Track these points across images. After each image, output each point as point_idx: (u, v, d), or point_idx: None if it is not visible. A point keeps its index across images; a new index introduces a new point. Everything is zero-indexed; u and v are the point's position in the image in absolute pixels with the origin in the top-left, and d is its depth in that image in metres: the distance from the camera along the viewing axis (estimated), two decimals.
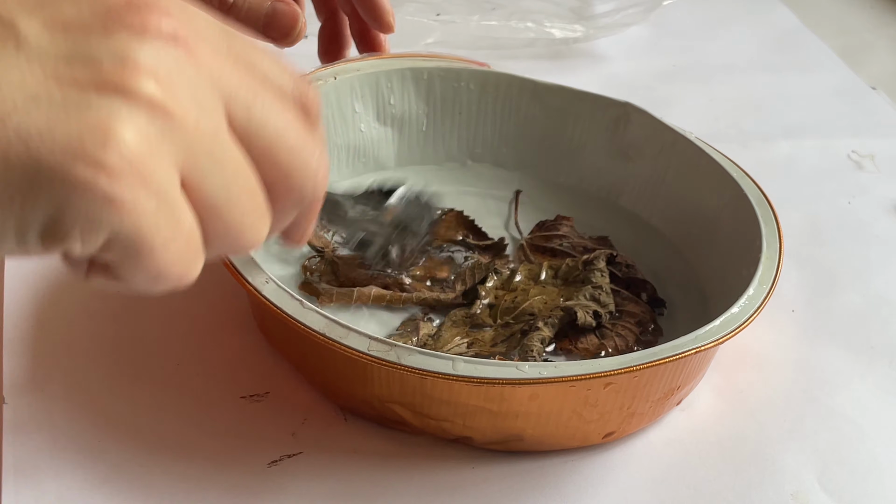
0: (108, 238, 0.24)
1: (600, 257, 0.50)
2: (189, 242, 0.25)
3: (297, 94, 0.28)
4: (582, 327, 0.47)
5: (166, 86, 0.24)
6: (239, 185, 0.26)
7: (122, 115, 0.23)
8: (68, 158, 0.22)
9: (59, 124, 0.23)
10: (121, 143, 0.23)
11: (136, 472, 0.40)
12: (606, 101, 0.56)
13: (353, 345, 0.38)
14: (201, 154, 0.25)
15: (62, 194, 0.23)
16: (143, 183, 0.23)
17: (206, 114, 0.25)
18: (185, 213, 0.25)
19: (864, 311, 0.54)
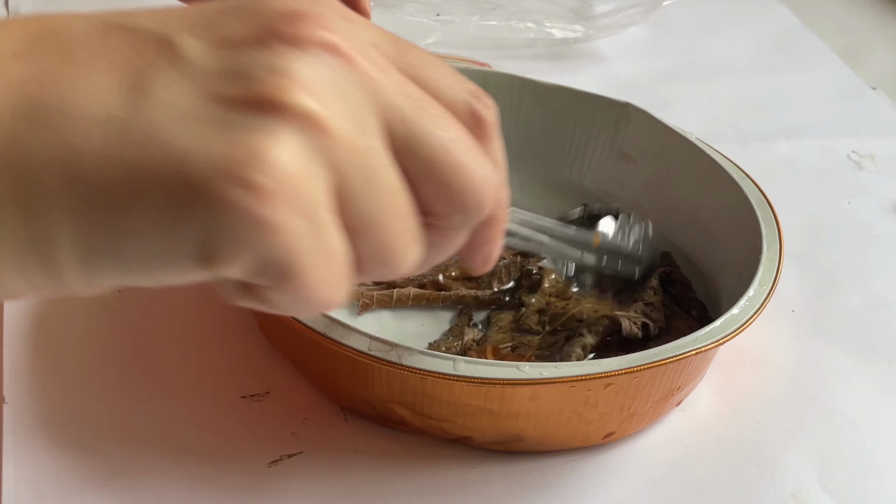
0: (258, 261, 0.23)
1: (654, 276, 0.50)
2: (338, 265, 0.24)
3: (470, 108, 0.27)
4: (628, 338, 0.46)
5: (321, 99, 0.23)
6: (391, 206, 0.25)
7: (274, 133, 0.22)
8: (219, 178, 0.22)
9: (211, 143, 0.22)
10: (273, 163, 0.22)
11: (136, 472, 0.40)
12: (607, 102, 0.56)
13: (353, 345, 0.38)
14: (354, 172, 0.24)
15: (212, 215, 0.22)
16: (295, 204, 0.22)
17: (362, 129, 0.24)
18: (336, 236, 0.24)
19: (864, 311, 0.54)
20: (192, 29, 0.24)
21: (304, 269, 0.23)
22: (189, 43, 0.23)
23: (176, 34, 0.23)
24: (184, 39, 0.23)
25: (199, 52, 0.23)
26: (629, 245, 0.49)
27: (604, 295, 0.50)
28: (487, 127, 0.27)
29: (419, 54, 0.27)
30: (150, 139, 0.22)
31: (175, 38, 0.23)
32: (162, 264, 0.23)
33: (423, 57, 0.27)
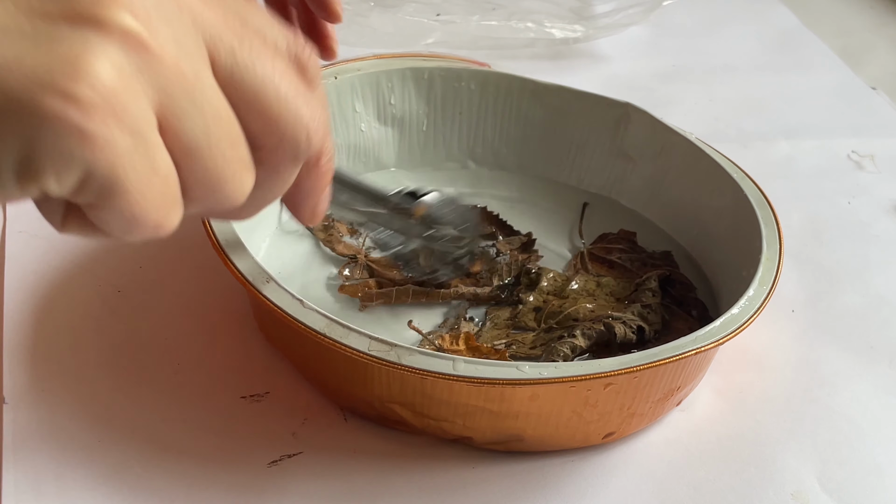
0: (82, 177, 0.23)
1: (653, 278, 0.50)
2: (166, 186, 0.24)
3: (293, 53, 0.27)
4: (623, 343, 0.46)
5: (144, 19, 0.23)
6: (220, 131, 0.25)
7: (94, 46, 0.22)
8: (37, 89, 0.22)
9: (28, 56, 0.22)
10: (93, 75, 0.22)
11: (136, 472, 0.40)
12: (607, 102, 0.56)
13: (353, 344, 0.38)
14: (180, 95, 0.24)
15: (32, 127, 0.22)
16: (117, 118, 0.22)
17: (187, 54, 0.24)
18: (162, 154, 0.24)
19: (864, 311, 0.54)
20: None
21: (129, 185, 0.23)
22: None
23: None
24: None
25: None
26: (451, 220, 0.49)
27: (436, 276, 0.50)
28: (310, 72, 0.28)
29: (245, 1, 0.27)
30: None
31: None
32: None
33: (249, 3, 0.27)
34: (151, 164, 0.23)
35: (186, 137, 0.24)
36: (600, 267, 0.53)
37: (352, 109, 0.56)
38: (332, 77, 0.54)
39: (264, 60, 0.26)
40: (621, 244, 0.54)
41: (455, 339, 0.46)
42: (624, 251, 0.54)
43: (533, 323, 0.49)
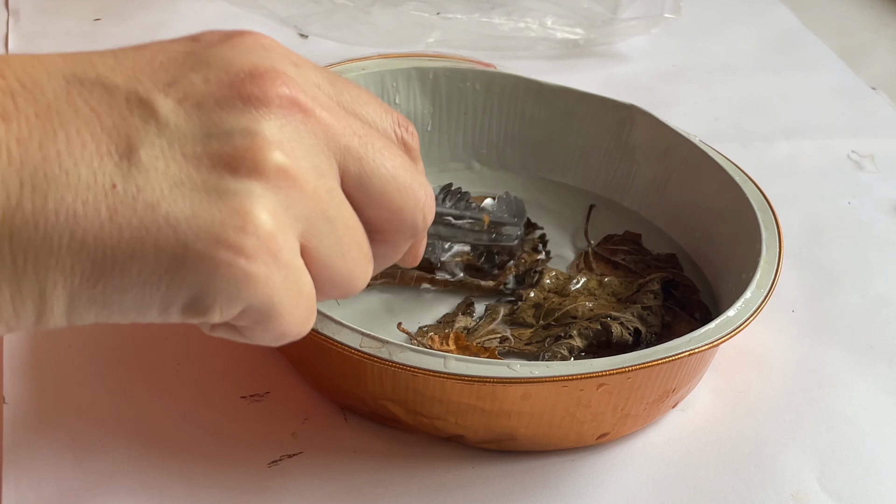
0: (242, 309, 0.25)
1: (655, 280, 0.50)
2: (309, 302, 0.27)
3: (399, 133, 0.31)
4: (618, 343, 0.46)
5: (290, 153, 0.26)
6: (349, 239, 0.28)
7: (254, 194, 0.25)
8: (212, 243, 0.24)
9: (200, 209, 0.24)
10: (257, 224, 0.25)
11: (136, 472, 0.40)
12: (611, 103, 0.56)
13: (345, 341, 0.38)
14: (317, 218, 0.27)
15: (206, 276, 0.24)
16: (274, 258, 0.25)
17: (322, 175, 0.27)
18: (306, 278, 0.27)
19: (864, 311, 0.54)
20: (161, 86, 0.25)
21: (282, 310, 0.26)
22: (163, 103, 0.25)
23: (149, 92, 0.25)
24: (157, 99, 0.25)
25: (175, 113, 0.25)
26: (507, 216, 0.52)
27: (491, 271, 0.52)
28: (414, 152, 0.31)
29: (352, 90, 0.30)
30: (146, 206, 0.24)
31: (149, 98, 0.25)
32: (148, 311, 0.25)
33: (355, 92, 0.30)
34: (298, 288, 0.26)
35: (323, 254, 0.27)
36: (604, 267, 0.53)
37: None
38: None
39: (385, 159, 0.29)
40: (626, 245, 0.54)
41: (444, 339, 0.46)
42: (628, 252, 0.54)
43: (531, 319, 0.49)
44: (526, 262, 0.52)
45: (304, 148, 0.26)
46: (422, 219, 0.30)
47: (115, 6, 0.77)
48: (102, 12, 0.76)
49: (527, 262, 0.52)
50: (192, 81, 0.26)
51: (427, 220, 0.30)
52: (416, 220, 0.30)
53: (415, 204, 0.29)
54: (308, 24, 0.74)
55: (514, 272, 0.52)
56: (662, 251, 0.54)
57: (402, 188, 0.29)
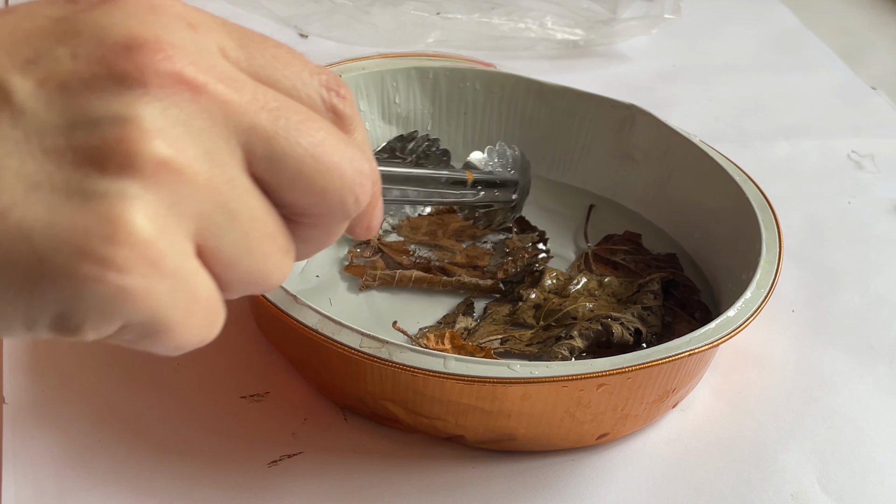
0: (121, 325, 0.22)
1: (655, 280, 0.50)
2: (208, 307, 0.23)
3: (327, 98, 0.26)
4: (619, 343, 0.47)
5: (174, 144, 0.22)
6: (257, 232, 0.24)
7: (127, 196, 0.21)
8: (74, 256, 0.20)
9: (62, 216, 0.20)
10: (130, 232, 0.21)
11: (136, 472, 0.40)
12: (611, 103, 0.56)
13: (344, 341, 0.38)
14: (214, 212, 0.23)
15: (70, 293, 0.21)
16: (155, 267, 0.21)
17: (220, 164, 0.23)
18: (203, 282, 0.23)
19: (864, 311, 0.54)
20: (20, 63, 0.21)
21: (172, 324, 0.22)
22: (20, 86, 0.21)
23: (4, 72, 0.21)
24: (13, 80, 0.21)
25: (34, 98, 0.21)
26: (500, 171, 0.51)
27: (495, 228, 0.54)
28: (347, 120, 0.26)
29: (269, 51, 0.25)
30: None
31: (3, 79, 0.21)
32: (11, 328, 0.22)
33: (273, 53, 0.25)
34: (192, 295, 0.22)
35: (225, 252, 0.23)
36: (604, 268, 0.53)
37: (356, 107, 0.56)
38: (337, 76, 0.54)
39: (301, 135, 0.24)
40: (626, 245, 0.54)
41: (440, 338, 0.46)
42: (628, 252, 0.54)
43: (532, 320, 0.49)
44: (525, 258, 0.52)
45: (194, 133, 0.22)
46: (353, 200, 0.25)
47: None
48: None
49: (526, 257, 0.52)
50: (57, 57, 0.21)
51: (361, 200, 0.26)
52: (346, 201, 0.25)
53: (341, 184, 0.25)
54: (308, 24, 0.74)
55: (514, 268, 0.52)
56: (662, 251, 0.54)
57: (324, 168, 0.24)
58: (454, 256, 0.52)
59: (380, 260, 0.52)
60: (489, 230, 0.53)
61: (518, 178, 0.52)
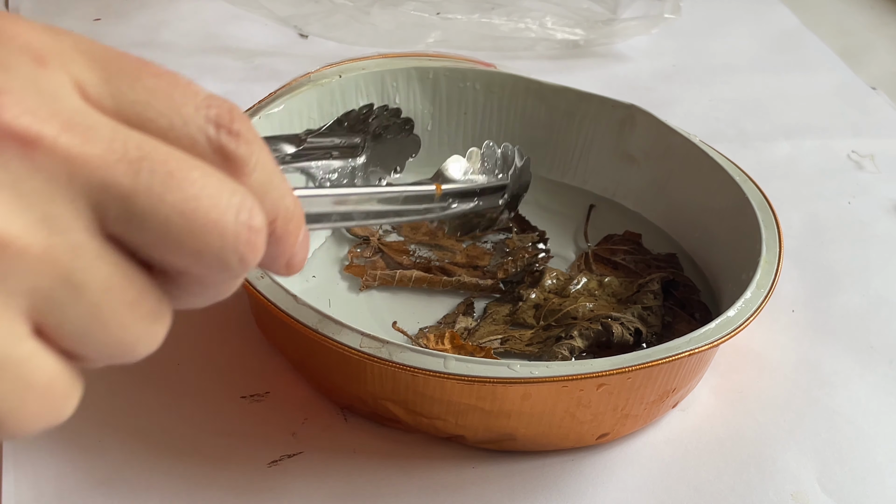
0: None
1: (655, 280, 0.50)
2: (50, 393, 0.20)
3: (215, 138, 0.22)
4: (619, 343, 0.47)
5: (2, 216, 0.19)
6: (113, 303, 0.21)
7: None
8: None
9: None
10: None
11: (136, 472, 0.40)
12: (612, 103, 0.56)
13: (345, 341, 0.38)
14: (55, 285, 0.20)
15: None
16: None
17: (61, 230, 0.20)
18: (42, 364, 0.20)
19: (864, 311, 0.54)
20: None
21: (7, 417, 0.19)
22: None
23: None
24: None
25: None
26: (483, 178, 0.46)
27: (471, 237, 0.52)
28: (240, 161, 0.22)
29: (143, 82, 0.21)
30: None
31: None
32: None
33: (149, 84, 0.21)
34: (25, 383, 0.20)
35: (70, 329, 0.20)
36: (604, 268, 0.53)
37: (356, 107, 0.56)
38: (337, 76, 0.54)
39: (169, 189, 0.20)
40: (626, 245, 0.54)
41: (440, 338, 0.46)
42: (628, 252, 0.54)
43: (532, 320, 0.49)
44: (525, 258, 0.52)
45: (26, 196, 0.19)
46: (237, 260, 0.21)
47: (115, 6, 0.77)
48: (102, 12, 0.76)
49: (526, 257, 0.52)
50: None
51: (248, 259, 0.22)
52: (228, 262, 0.21)
53: (221, 244, 0.21)
54: (308, 24, 0.74)
55: (514, 268, 0.52)
56: (662, 251, 0.54)
57: (198, 227, 0.21)
58: (454, 256, 0.52)
59: (380, 260, 0.52)
60: (465, 237, 0.52)
61: (507, 181, 0.49)
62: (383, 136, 0.53)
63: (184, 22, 0.75)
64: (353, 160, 0.51)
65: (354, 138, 0.51)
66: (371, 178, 0.52)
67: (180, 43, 0.72)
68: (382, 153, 0.53)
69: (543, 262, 0.53)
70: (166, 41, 0.73)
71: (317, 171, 0.49)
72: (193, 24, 0.75)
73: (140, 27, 0.74)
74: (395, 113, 0.53)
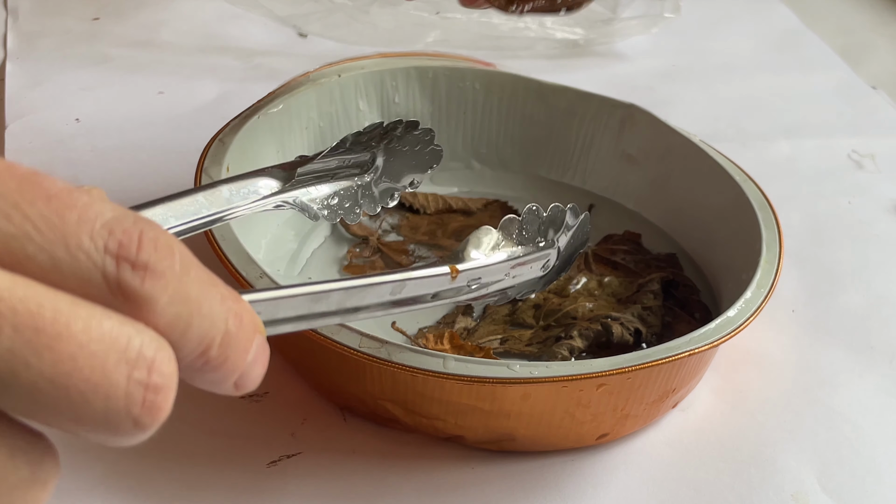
0: None
1: (655, 280, 0.50)
2: None
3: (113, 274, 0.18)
4: (619, 343, 0.46)
5: None
6: None
7: None
8: None
9: None
10: None
11: (136, 472, 0.40)
12: (612, 103, 0.56)
13: (344, 341, 0.38)
14: None
15: None
16: None
17: None
18: None
19: (864, 311, 0.53)
20: None
21: None
22: None
23: None
24: None
25: None
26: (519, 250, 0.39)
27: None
28: (144, 300, 0.18)
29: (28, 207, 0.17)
30: None
31: None
32: None
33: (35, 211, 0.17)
34: None
35: None
36: (604, 268, 0.53)
37: (355, 108, 0.56)
38: (336, 75, 0.54)
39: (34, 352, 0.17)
40: (626, 245, 0.54)
41: (439, 338, 0.46)
42: (628, 252, 0.54)
43: (531, 320, 0.49)
44: None
45: None
46: (130, 425, 0.19)
47: (115, 6, 0.77)
48: (102, 12, 0.76)
49: None
50: None
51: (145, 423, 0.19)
52: (118, 427, 0.19)
53: (105, 408, 0.18)
54: (307, 24, 0.74)
55: None
56: (662, 251, 0.54)
57: (75, 393, 0.17)
58: None
59: (379, 260, 0.52)
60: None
61: (549, 247, 0.41)
62: (397, 149, 0.47)
63: (183, 21, 0.75)
64: (358, 179, 0.46)
65: (360, 157, 0.46)
66: (380, 196, 0.46)
67: (180, 42, 0.72)
68: (395, 167, 0.47)
69: None
70: (166, 41, 0.73)
71: (312, 203, 0.44)
72: (193, 23, 0.75)
73: (139, 27, 0.74)
74: (410, 125, 0.46)
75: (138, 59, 0.70)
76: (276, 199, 0.42)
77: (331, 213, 0.45)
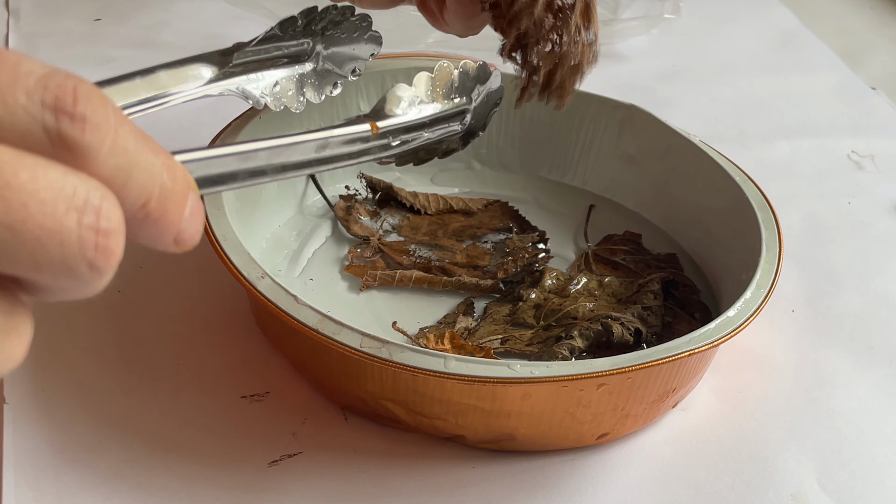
0: None
1: (655, 280, 0.50)
2: None
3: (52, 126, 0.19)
4: (619, 343, 0.46)
5: None
6: None
7: None
8: None
9: None
10: None
11: (136, 472, 0.40)
12: (612, 104, 0.56)
13: (345, 341, 0.38)
14: None
15: None
16: None
17: None
18: None
19: (864, 311, 0.54)
20: None
21: None
22: None
23: None
24: None
25: None
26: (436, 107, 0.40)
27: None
28: (84, 149, 0.19)
29: None
30: None
31: None
32: None
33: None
34: None
35: None
36: (604, 268, 0.53)
37: (356, 108, 0.56)
38: None
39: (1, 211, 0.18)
40: (626, 245, 0.54)
41: (440, 338, 0.46)
42: (628, 252, 0.54)
43: (532, 320, 0.49)
44: (525, 258, 0.52)
45: None
46: (86, 267, 0.19)
47: (115, 6, 0.77)
48: (102, 12, 0.76)
49: (526, 257, 0.52)
50: None
51: (100, 266, 0.19)
52: (75, 271, 0.19)
53: (61, 254, 0.19)
54: None
55: (514, 268, 0.52)
56: (662, 251, 0.54)
57: (31, 239, 0.18)
58: (454, 256, 0.53)
59: (380, 260, 0.52)
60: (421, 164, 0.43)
61: (466, 104, 0.42)
62: (335, 36, 0.46)
63: (184, 22, 0.75)
64: (299, 67, 0.46)
65: (299, 44, 0.45)
66: (325, 83, 0.46)
67: (180, 43, 0.72)
68: (336, 55, 0.47)
69: (543, 262, 0.53)
70: (166, 41, 0.73)
71: (254, 89, 0.44)
72: (193, 24, 0.75)
73: (140, 27, 0.74)
74: (346, 10, 0.46)
75: (139, 60, 0.70)
76: (219, 86, 0.43)
77: (274, 101, 0.45)
